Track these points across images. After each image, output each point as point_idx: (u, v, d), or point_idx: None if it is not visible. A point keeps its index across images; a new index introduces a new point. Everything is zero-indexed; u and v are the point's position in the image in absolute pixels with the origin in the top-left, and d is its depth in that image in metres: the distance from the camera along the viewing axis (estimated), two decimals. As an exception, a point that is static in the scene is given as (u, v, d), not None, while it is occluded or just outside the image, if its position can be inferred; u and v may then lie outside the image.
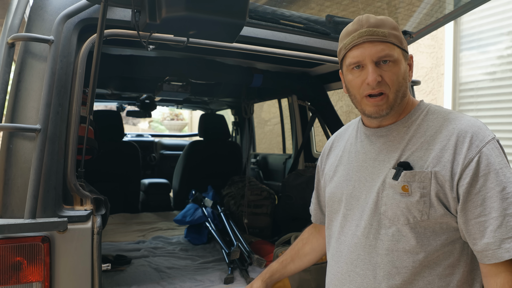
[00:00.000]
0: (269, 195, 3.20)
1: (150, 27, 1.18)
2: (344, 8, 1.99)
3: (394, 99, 1.06)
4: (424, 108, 1.12)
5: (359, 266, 1.10)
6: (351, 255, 1.12)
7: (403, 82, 1.08)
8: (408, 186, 1.02)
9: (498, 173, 0.96)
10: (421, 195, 1.01)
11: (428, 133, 1.05)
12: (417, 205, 1.01)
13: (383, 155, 1.11)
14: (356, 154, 1.18)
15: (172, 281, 2.24)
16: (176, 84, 2.97)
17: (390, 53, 1.04)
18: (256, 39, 1.68)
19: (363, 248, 1.09)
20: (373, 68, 1.04)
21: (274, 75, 2.70)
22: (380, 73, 1.04)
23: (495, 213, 0.94)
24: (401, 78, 1.07)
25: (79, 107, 1.35)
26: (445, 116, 1.07)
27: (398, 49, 1.06)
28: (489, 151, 0.98)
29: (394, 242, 1.04)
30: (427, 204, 1.01)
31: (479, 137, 0.99)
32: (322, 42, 1.84)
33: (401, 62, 1.07)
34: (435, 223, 1.01)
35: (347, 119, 4.25)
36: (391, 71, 1.05)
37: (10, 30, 1.23)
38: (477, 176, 0.97)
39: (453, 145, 1.00)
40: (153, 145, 5.20)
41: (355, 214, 1.13)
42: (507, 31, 3.32)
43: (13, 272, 1.20)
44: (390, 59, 1.04)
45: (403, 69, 1.07)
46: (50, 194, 1.25)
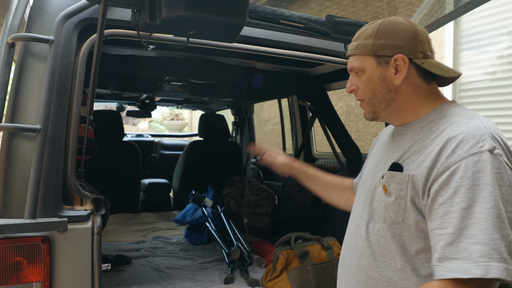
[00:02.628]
0: (269, 195, 3.20)
1: (150, 27, 1.18)
2: (344, 8, 1.99)
3: (370, 106, 1.13)
4: (443, 110, 1.06)
5: (350, 253, 1.17)
6: (349, 241, 1.19)
7: (377, 88, 1.09)
8: (387, 186, 1.05)
9: (470, 189, 0.87)
10: (397, 197, 1.01)
11: (430, 137, 1.02)
12: (392, 206, 1.02)
13: (392, 152, 1.13)
14: (383, 148, 1.21)
15: (172, 281, 2.24)
16: (176, 84, 2.97)
17: (354, 65, 1.12)
18: (256, 39, 1.68)
19: (355, 237, 1.15)
20: (350, 79, 1.16)
21: (274, 75, 2.70)
22: (356, 83, 1.14)
23: (451, 230, 0.88)
24: (373, 85, 1.09)
25: (79, 107, 1.35)
26: (455, 120, 1.00)
27: (365, 57, 1.09)
28: (471, 163, 0.89)
29: (377, 237, 1.07)
30: (402, 207, 1.01)
31: (467, 146, 0.91)
32: (322, 42, 1.84)
33: (370, 70, 1.09)
34: (411, 227, 1.00)
35: (347, 119, 4.25)
36: (361, 80, 1.12)
37: (10, 30, 1.23)
38: (447, 187, 0.90)
39: (437, 150, 0.95)
40: (153, 145, 5.20)
41: (361, 206, 1.17)
42: (507, 31, 3.32)
43: (13, 272, 1.20)
44: (356, 70, 1.12)
45: (375, 75, 1.08)
46: (50, 194, 1.25)
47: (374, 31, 1.09)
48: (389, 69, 1.07)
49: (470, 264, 0.83)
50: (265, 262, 2.43)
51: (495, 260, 0.82)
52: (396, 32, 1.07)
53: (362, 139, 4.07)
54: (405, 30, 1.07)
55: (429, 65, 1.06)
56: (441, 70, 1.05)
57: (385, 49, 1.07)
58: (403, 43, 1.06)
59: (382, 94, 1.09)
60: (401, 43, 1.06)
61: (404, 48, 1.06)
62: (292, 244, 2.18)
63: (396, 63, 1.06)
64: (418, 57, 1.06)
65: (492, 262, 0.82)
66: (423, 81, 1.09)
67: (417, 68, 1.07)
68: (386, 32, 1.07)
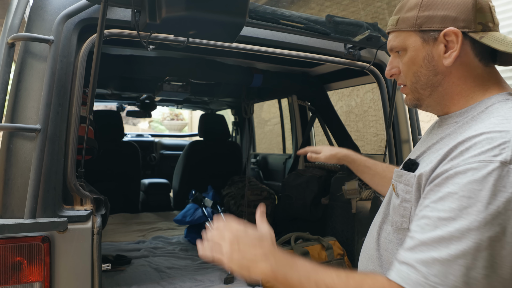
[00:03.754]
0: (269, 195, 3.20)
1: (150, 27, 1.18)
2: (344, 8, 1.99)
3: (413, 91, 0.95)
4: (487, 105, 0.86)
5: (363, 253, 1.08)
6: (366, 241, 1.09)
7: (422, 70, 0.91)
8: (395, 187, 0.93)
9: (458, 200, 0.72)
10: (402, 200, 0.90)
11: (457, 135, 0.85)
12: (398, 209, 0.91)
13: (420, 146, 0.99)
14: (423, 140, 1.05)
15: (172, 281, 2.24)
16: (176, 84, 2.97)
17: (394, 43, 0.94)
18: (256, 39, 1.68)
19: (370, 237, 1.06)
20: (390, 60, 0.99)
21: (274, 75, 2.70)
22: (397, 64, 0.97)
23: (419, 236, 0.74)
24: (417, 67, 0.91)
25: (79, 107, 1.35)
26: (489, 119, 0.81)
27: (407, 34, 0.91)
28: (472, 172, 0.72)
29: (386, 241, 0.97)
30: (407, 212, 0.88)
31: (478, 150, 0.74)
32: (322, 42, 1.84)
33: (414, 49, 0.91)
34: None
35: (347, 119, 4.24)
36: (402, 61, 0.94)
37: (10, 30, 1.23)
38: (438, 190, 0.77)
39: (446, 151, 0.80)
40: (153, 145, 5.20)
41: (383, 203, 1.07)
42: (507, 31, 3.32)
43: (13, 272, 1.20)
44: (397, 49, 0.95)
45: (420, 55, 0.90)
46: (50, 194, 1.25)
47: (416, 2, 0.90)
48: (437, 46, 0.88)
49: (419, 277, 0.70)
50: (265, 262, 2.42)
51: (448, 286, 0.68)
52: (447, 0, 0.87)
53: (362, 139, 4.07)
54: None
55: (491, 39, 0.84)
56: (506, 45, 0.84)
57: (432, 22, 0.88)
58: (455, 13, 0.86)
59: (427, 78, 0.91)
60: (453, 13, 0.86)
61: (456, 19, 0.86)
62: (292, 244, 2.18)
63: (447, 39, 0.87)
64: (476, 30, 0.85)
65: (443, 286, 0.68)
66: (479, 62, 0.88)
67: (474, 45, 0.87)
68: (434, 1, 0.88)
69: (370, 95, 3.95)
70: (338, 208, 2.45)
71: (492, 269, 0.68)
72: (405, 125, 2.04)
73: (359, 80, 2.59)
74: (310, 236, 2.27)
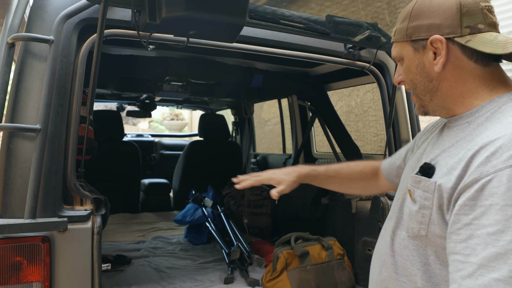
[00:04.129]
0: (269, 195, 3.20)
1: (150, 27, 1.18)
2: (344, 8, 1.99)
3: (418, 97, 0.98)
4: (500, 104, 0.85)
5: (375, 258, 1.06)
6: (378, 244, 1.07)
7: (417, 78, 0.94)
8: (412, 192, 0.91)
9: (501, 210, 0.70)
10: (421, 206, 0.87)
11: (473, 137, 0.84)
12: (416, 215, 0.89)
13: (432, 148, 0.97)
14: (429, 143, 1.03)
15: (172, 281, 2.24)
16: (176, 84, 2.97)
17: (394, 54, 1.00)
18: (256, 39, 1.68)
19: (383, 243, 1.04)
20: (397, 69, 1.02)
21: (274, 75, 2.70)
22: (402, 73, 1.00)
23: (474, 259, 0.71)
24: (412, 74, 0.95)
25: (79, 107, 1.35)
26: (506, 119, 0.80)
27: (402, 44, 0.96)
28: (507, 177, 0.71)
29: (401, 247, 0.94)
30: (426, 219, 0.86)
31: (506, 155, 0.72)
32: (322, 42, 1.84)
33: (408, 58, 0.95)
34: (436, 244, 0.85)
35: (347, 119, 4.24)
36: (403, 70, 0.99)
37: (10, 30, 1.23)
38: (474, 204, 0.74)
39: (469, 157, 0.78)
40: (153, 145, 5.20)
41: (394, 207, 1.05)
42: (507, 31, 3.32)
43: (13, 272, 1.20)
44: (397, 60, 1.00)
45: (413, 64, 0.94)
46: (50, 194, 1.25)
47: (408, 11, 0.94)
48: (427, 54, 0.91)
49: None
50: (265, 262, 2.43)
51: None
52: (432, 8, 0.89)
53: (362, 139, 4.06)
54: (443, 3, 0.88)
55: (477, 42, 0.85)
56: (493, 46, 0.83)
57: (420, 32, 0.91)
58: (439, 21, 0.88)
59: (423, 84, 0.94)
60: (438, 21, 0.88)
61: (441, 26, 0.88)
62: (292, 244, 2.18)
63: (434, 46, 0.89)
64: (463, 34, 0.86)
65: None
66: (475, 63, 0.88)
67: (463, 49, 0.87)
68: (421, 11, 0.91)
69: (370, 95, 3.95)
70: (338, 208, 2.45)
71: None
72: (405, 125, 2.04)
73: (359, 80, 2.60)
74: (310, 236, 2.27)
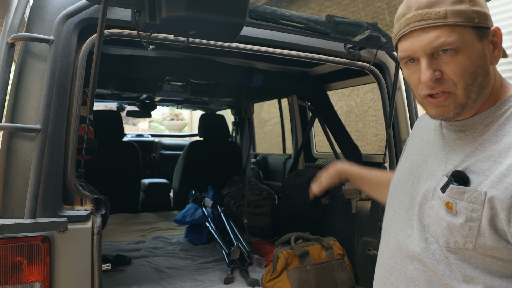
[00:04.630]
0: (269, 195, 3.20)
1: (150, 27, 1.18)
2: (344, 8, 1.99)
3: (464, 97, 0.81)
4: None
5: (394, 275, 0.95)
6: (390, 261, 0.97)
7: (478, 70, 0.81)
8: (453, 204, 0.81)
9: None
10: (467, 219, 0.79)
11: (506, 139, 0.78)
12: (460, 229, 0.80)
13: (444, 153, 0.89)
14: (426, 144, 0.98)
15: (172, 281, 2.24)
16: (176, 84, 2.97)
17: (449, 39, 0.78)
18: (256, 39, 1.68)
19: (401, 257, 0.93)
20: (427, 63, 0.81)
21: (274, 75, 2.70)
22: (438, 67, 0.81)
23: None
24: (474, 66, 0.80)
25: (79, 107, 1.35)
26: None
27: (464, 29, 0.79)
28: None
29: (433, 261, 0.85)
30: (474, 232, 0.78)
31: None
32: (322, 42, 1.84)
33: (471, 46, 0.80)
34: (484, 255, 0.79)
35: (347, 119, 4.24)
36: (454, 62, 0.80)
37: (10, 30, 1.23)
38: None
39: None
40: (153, 145, 5.20)
41: (403, 216, 0.96)
42: (507, 31, 3.32)
43: (13, 272, 1.20)
44: (451, 47, 0.79)
45: (476, 54, 0.80)
46: (50, 194, 1.25)
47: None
48: (488, 45, 0.82)
49: None
50: (265, 262, 2.43)
51: None
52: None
53: (362, 139, 4.06)
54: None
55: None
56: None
57: (484, 19, 0.80)
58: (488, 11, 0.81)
59: (482, 78, 0.82)
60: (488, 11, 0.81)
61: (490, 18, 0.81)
62: (292, 244, 2.18)
63: (493, 38, 0.82)
64: None
65: None
66: None
67: None
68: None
69: (370, 95, 3.95)
70: (338, 208, 2.45)
71: None
72: (405, 125, 2.04)
73: (359, 80, 2.60)
74: (310, 236, 2.27)
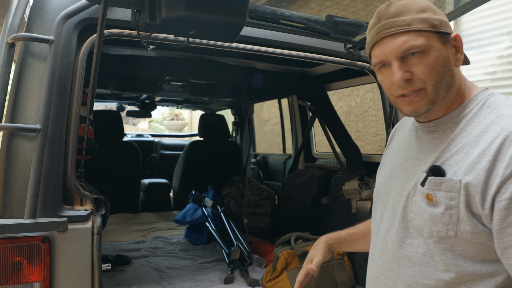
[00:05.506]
0: (269, 195, 3.20)
1: (150, 27, 1.18)
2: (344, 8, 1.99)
3: (434, 93, 0.91)
4: (482, 99, 0.91)
5: (383, 274, 1.02)
6: (379, 260, 1.04)
7: (444, 70, 0.91)
8: (433, 196, 0.89)
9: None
10: (447, 207, 0.86)
11: (474, 132, 0.87)
12: (441, 218, 0.87)
13: (423, 154, 0.98)
14: (404, 149, 1.06)
15: (172, 281, 2.24)
16: (176, 84, 2.97)
17: (415, 43, 0.89)
18: (256, 39, 1.68)
19: (388, 255, 1.00)
20: (398, 65, 0.91)
21: (274, 75, 2.70)
22: (408, 69, 0.91)
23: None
24: (440, 67, 0.90)
25: (79, 107, 1.35)
26: (502, 111, 0.86)
27: (428, 34, 0.89)
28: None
29: (418, 255, 0.92)
30: (454, 219, 0.85)
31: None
32: (322, 42, 1.84)
33: (435, 49, 0.90)
34: (466, 241, 0.85)
35: (347, 119, 4.24)
36: (422, 63, 0.89)
37: (10, 30, 1.23)
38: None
39: (495, 150, 0.81)
40: (153, 145, 5.20)
41: (388, 217, 1.03)
42: (507, 31, 3.32)
43: (13, 272, 1.19)
44: (418, 50, 0.89)
45: (441, 55, 0.90)
46: (50, 194, 1.25)
47: (427, 4, 0.92)
48: (450, 49, 0.92)
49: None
50: (265, 262, 2.43)
51: None
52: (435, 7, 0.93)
53: (362, 139, 4.06)
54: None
55: None
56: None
57: (445, 26, 0.91)
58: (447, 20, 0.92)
59: (448, 77, 0.92)
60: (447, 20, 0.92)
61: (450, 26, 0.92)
62: (292, 244, 2.18)
63: (454, 43, 0.93)
64: None
65: None
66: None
67: None
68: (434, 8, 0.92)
69: (370, 95, 3.95)
70: (338, 208, 2.44)
71: None
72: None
73: (359, 80, 2.59)
74: (310, 236, 2.27)
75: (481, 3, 1.77)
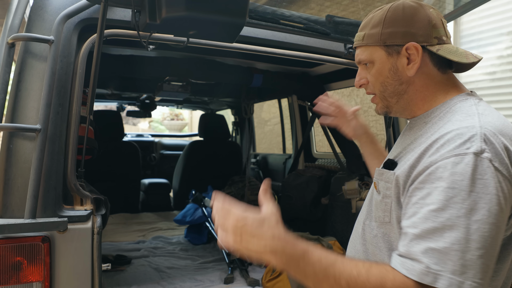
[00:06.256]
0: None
1: (150, 27, 1.18)
2: (344, 8, 1.99)
3: (382, 100, 1.06)
4: (451, 105, 0.97)
5: (350, 248, 1.16)
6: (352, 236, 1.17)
7: (388, 81, 1.02)
8: (377, 184, 1.02)
9: (443, 192, 0.79)
10: (384, 196, 0.97)
11: (428, 134, 0.94)
12: (380, 204, 0.99)
13: (396, 147, 1.09)
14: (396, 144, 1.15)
15: (172, 281, 2.24)
16: (176, 84, 2.97)
17: (362, 57, 1.05)
18: (256, 39, 1.68)
19: (355, 233, 1.14)
20: (358, 72, 1.09)
21: (274, 75, 2.70)
22: (365, 76, 1.08)
23: (413, 230, 0.81)
24: (383, 77, 1.02)
25: (79, 107, 1.35)
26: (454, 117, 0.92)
27: (374, 48, 1.01)
28: (451, 164, 0.80)
29: (371, 236, 1.04)
30: (388, 207, 0.96)
31: (452, 145, 0.82)
32: (322, 42, 1.84)
33: (379, 61, 1.01)
34: (399, 229, 0.92)
35: (347, 119, 4.24)
36: (370, 73, 1.05)
37: (10, 30, 1.23)
38: (422, 186, 0.83)
39: (423, 149, 0.88)
40: (153, 145, 5.20)
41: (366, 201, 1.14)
42: (507, 31, 3.32)
43: (13, 272, 1.20)
44: (365, 62, 1.05)
45: (385, 67, 1.01)
46: (50, 194, 1.25)
47: (381, 18, 1.00)
48: (400, 59, 0.99)
49: (422, 267, 0.77)
50: (265, 262, 2.42)
51: (448, 271, 0.75)
52: (406, 17, 0.98)
53: (362, 139, 4.06)
54: (415, 14, 0.97)
55: (445, 51, 0.96)
56: (458, 56, 0.97)
57: (395, 38, 0.98)
58: (414, 30, 0.97)
59: (393, 87, 1.02)
60: (413, 30, 0.97)
61: (416, 35, 0.97)
62: (292, 244, 2.17)
63: (408, 52, 0.98)
64: (433, 44, 0.97)
65: (445, 272, 0.75)
66: (438, 71, 1.00)
67: (432, 56, 0.99)
68: (395, 19, 0.98)
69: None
70: (338, 208, 2.45)
71: (484, 249, 0.76)
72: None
73: (359, 80, 2.59)
74: (310, 236, 2.27)
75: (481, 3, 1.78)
